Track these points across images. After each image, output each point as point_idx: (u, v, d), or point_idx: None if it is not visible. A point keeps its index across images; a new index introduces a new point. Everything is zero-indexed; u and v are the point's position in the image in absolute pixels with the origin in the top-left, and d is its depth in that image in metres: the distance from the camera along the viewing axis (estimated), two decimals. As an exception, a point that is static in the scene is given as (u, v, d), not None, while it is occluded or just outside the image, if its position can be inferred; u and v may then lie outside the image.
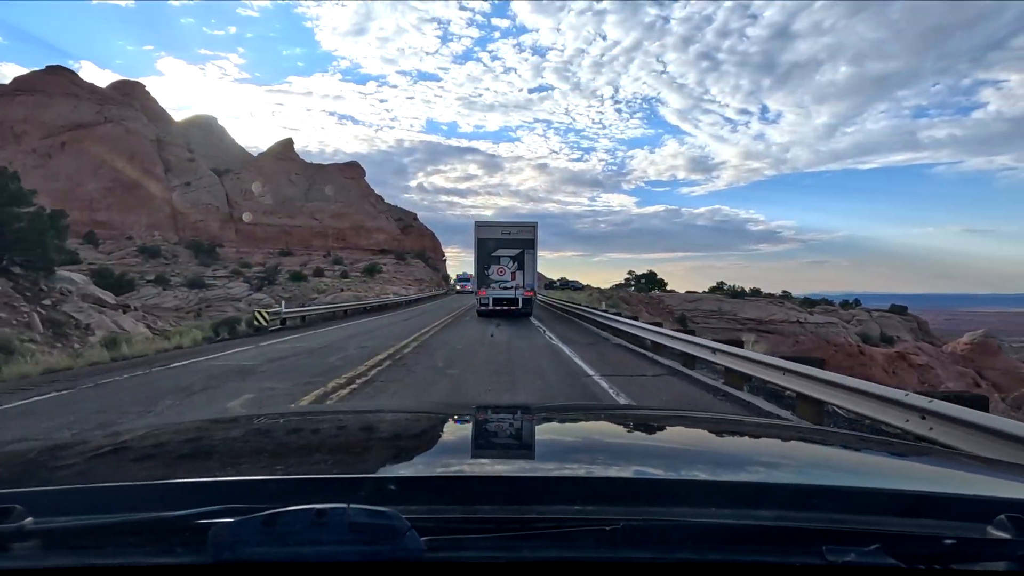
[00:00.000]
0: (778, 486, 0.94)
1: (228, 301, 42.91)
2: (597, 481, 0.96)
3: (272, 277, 45.64)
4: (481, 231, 21.91)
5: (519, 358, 10.48)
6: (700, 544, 0.68)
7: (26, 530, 0.67)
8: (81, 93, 62.46)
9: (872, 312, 56.43)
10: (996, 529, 0.69)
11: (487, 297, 21.68)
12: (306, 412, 2.89)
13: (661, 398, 7.17)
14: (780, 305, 48.33)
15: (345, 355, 10.69)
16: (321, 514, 0.62)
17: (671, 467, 1.16)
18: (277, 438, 1.42)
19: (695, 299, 47.65)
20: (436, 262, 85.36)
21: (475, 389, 7.54)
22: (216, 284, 44.94)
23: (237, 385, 7.68)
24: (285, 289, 43.09)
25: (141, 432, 1.49)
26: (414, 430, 1.55)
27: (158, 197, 62.62)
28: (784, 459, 1.29)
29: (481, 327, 17.83)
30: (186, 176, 65.74)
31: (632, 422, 1.71)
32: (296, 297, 43.01)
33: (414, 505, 0.76)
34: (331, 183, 75.86)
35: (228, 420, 1.97)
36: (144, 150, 62.68)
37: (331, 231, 72.64)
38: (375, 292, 46.17)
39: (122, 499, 0.79)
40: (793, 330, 44.04)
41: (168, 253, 56.36)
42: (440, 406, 3.14)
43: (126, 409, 6.26)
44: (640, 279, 61.67)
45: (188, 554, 0.65)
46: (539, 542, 0.68)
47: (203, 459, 1.23)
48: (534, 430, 1.54)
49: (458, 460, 1.22)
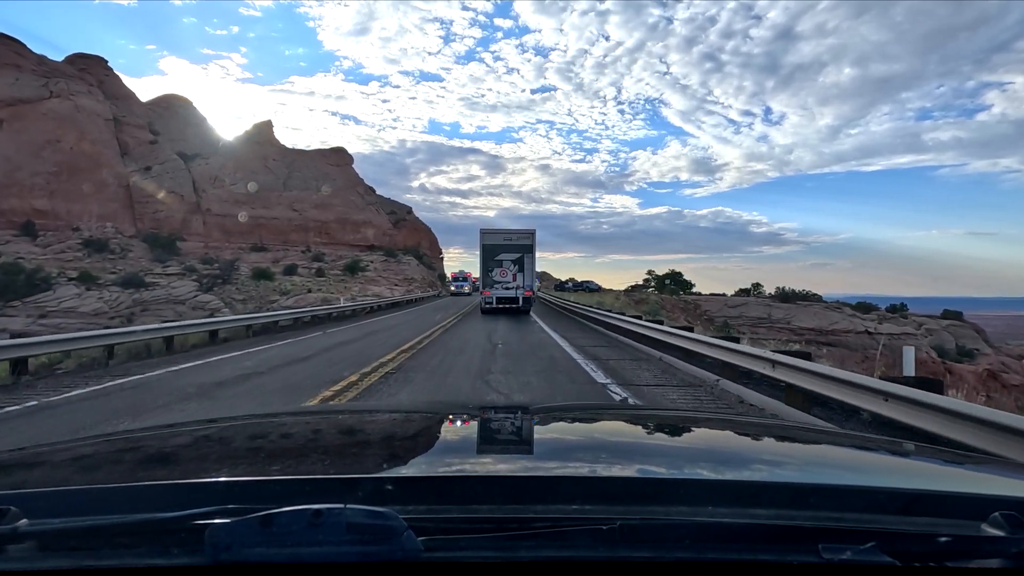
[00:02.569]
0: (775, 485, 0.93)
1: (169, 304, 35.08)
2: (595, 480, 0.96)
3: (227, 275, 37.84)
4: (485, 237, 24.37)
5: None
6: (697, 543, 0.68)
7: (21, 532, 0.66)
8: (25, 64, 54.59)
9: (922, 318, 48.48)
10: (991, 527, 0.69)
11: (491, 296, 24.04)
12: (303, 412, 2.80)
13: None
14: (837, 310, 40.29)
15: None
16: (318, 514, 0.62)
17: (668, 466, 1.15)
18: (274, 438, 1.40)
19: (738, 304, 39.64)
20: (432, 260, 77.43)
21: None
22: (160, 283, 37.12)
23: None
24: (240, 289, 35.36)
25: (137, 433, 1.50)
26: (411, 430, 1.53)
27: (112, 184, 54.81)
28: (781, 458, 1.29)
29: (478, 360, 10.08)
30: (146, 160, 57.87)
31: (630, 421, 1.72)
32: (252, 299, 35.16)
33: (411, 505, 0.75)
34: (314, 171, 67.98)
35: (225, 420, 1.76)
36: (96, 129, 54.82)
37: (313, 224, 64.78)
38: (352, 293, 38.34)
39: (118, 500, 0.79)
40: (861, 342, 36.12)
41: (119, 247, 48.58)
42: (438, 406, 3.11)
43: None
44: (663, 280, 54.07)
45: (185, 555, 0.64)
46: (537, 542, 0.67)
47: (199, 459, 1.22)
48: (531, 430, 1.53)
49: (455, 460, 1.19)
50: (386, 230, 70.96)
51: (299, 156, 69.54)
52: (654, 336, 11.42)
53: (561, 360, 10.49)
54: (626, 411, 2.48)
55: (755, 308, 38.43)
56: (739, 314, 37.52)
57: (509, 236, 24.81)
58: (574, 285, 60.55)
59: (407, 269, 59.50)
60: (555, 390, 7.50)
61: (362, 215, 68.43)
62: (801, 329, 36.22)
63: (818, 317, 37.67)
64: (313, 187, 66.13)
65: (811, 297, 43.71)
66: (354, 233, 67.17)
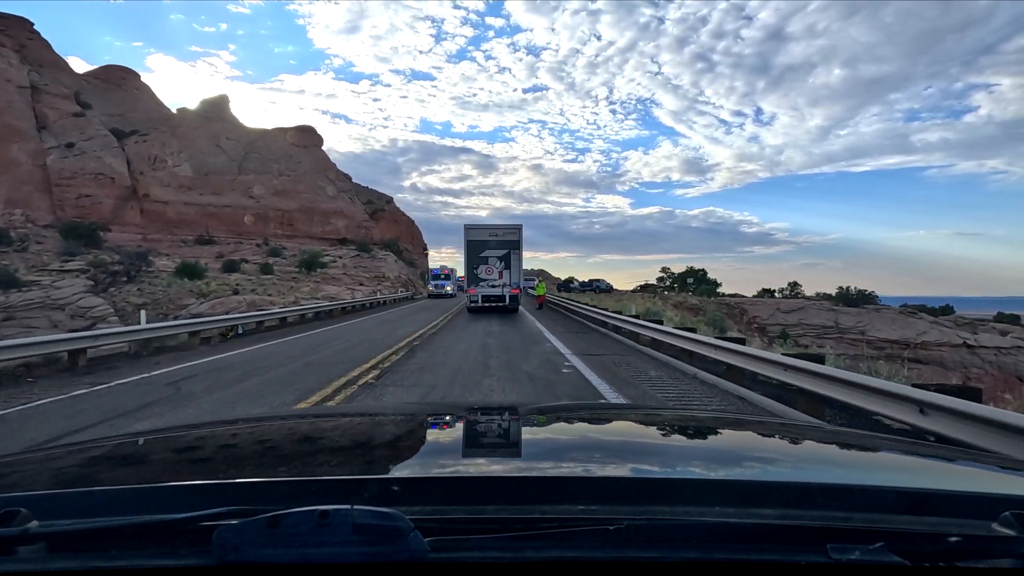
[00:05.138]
0: (782, 484, 0.92)
1: (45, 309, 26.22)
2: (601, 481, 0.95)
3: (133, 272, 29.00)
4: (470, 233, 23.70)
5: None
6: (704, 543, 0.67)
7: (31, 533, 0.66)
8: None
9: (976, 322, 40.67)
10: (1001, 526, 0.68)
11: (477, 295, 23.32)
12: (309, 414, 2.79)
13: None
14: (912, 315, 32.08)
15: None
16: (325, 515, 0.62)
17: (675, 466, 1.14)
18: (280, 440, 1.39)
19: (792, 308, 31.28)
20: (414, 256, 68.59)
21: None
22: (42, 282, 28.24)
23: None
24: (144, 292, 26.59)
25: (144, 435, 1.46)
26: (418, 431, 1.51)
27: (25, 163, 45.70)
28: (788, 457, 1.27)
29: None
30: (69, 135, 48.63)
31: (636, 421, 1.69)
32: (159, 303, 26.37)
33: (418, 506, 0.75)
34: (275, 152, 58.92)
35: (231, 422, 1.77)
36: (5, 97, 45.58)
37: (273, 213, 55.80)
38: (297, 295, 29.68)
39: (126, 502, 0.79)
40: (960, 358, 28.01)
41: (24, 237, 39.57)
42: (444, 407, 3.08)
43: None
44: (683, 278, 46.01)
45: (192, 556, 0.65)
46: (543, 542, 0.67)
47: (206, 461, 1.22)
48: (538, 430, 1.50)
49: (461, 460, 1.19)
50: (361, 221, 62.09)
51: (259, 136, 60.40)
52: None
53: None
54: (631, 411, 2.37)
55: (815, 313, 30.16)
56: (797, 321, 29.24)
57: (495, 232, 23.93)
58: (581, 285, 52.04)
59: (382, 266, 50.75)
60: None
61: (332, 204, 59.49)
62: (881, 341, 27.97)
63: (897, 325, 29.47)
64: (273, 170, 57.13)
65: (871, 298, 35.60)
66: (323, 224, 58.29)
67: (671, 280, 54.18)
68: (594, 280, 53.40)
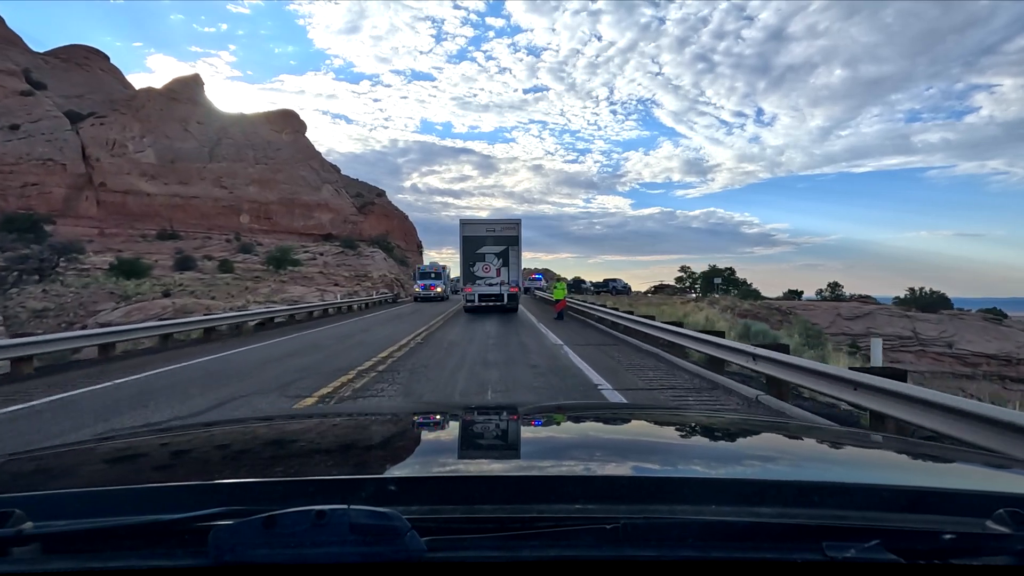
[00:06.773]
0: (778, 483, 0.92)
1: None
2: (598, 480, 0.95)
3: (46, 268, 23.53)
4: (466, 228, 22.23)
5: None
6: (701, 542, 0.67)
7: (26, 534, 0.66)
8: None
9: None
10: (995, 523, 0.69)
11: (473, 294, 21.78)
12: (306, 414, 2.76)
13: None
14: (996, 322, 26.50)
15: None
16: (321, 515, 0.62)
17: (672, 465, 1.14)
18: (276, 440, 1.38)
19: (855, 314, 25.73)
20: (406, 253, 63.09)
21: None
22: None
23: None
24: (50, 294, 21.17)
25: (140, 435, 1.49)
26: (414, 430, 1.51)
27: (-39, 146, 40.36)
28: (784, 455, 1.27)
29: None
30: (14, 116, 43.22)
31: (632, 420, 1.69)
32: (65, 307, 20.85)
33: (414, 505, 0.75)
34: (252, 138, 53.44)
35: (228, 422, 1.74)
36: (-63, 72, 40.27)
37: (248, 206, 50.37)
38: (250, 299, 24.22)
39: (122, 502, 0.79)
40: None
41: (-50, 230, 34.18)
42: (441, 406, 3.08)
43: None
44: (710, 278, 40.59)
45: (189, 556, 0.65)
46: (540, 541, 0.67)
47: (203, 461, 1.21)
48: (535, 429, 1.51)
49: (457, 460, 1.19)
50: (348, 215, 56.66)
51: (234, 120, 54.89)
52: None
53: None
54: (628, 411, 2.34)
55: (886, 320, 24.65)
56: (865, 329, 23.70)
57: (492, 227, 22.66)
58: (594, 286, 46.42)
59: (368, 264, 45.32)
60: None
61: (315, 196, 54.05)
62: (973, 356, 22.42)
63: (989, 335, 23.91)
64: (249, 158, 51.66)
65: (942, 300, 30.14)
66: (304, 218, 52.89)
67: (692, 280, 48.87)
68: (610, 280, 47.58)
